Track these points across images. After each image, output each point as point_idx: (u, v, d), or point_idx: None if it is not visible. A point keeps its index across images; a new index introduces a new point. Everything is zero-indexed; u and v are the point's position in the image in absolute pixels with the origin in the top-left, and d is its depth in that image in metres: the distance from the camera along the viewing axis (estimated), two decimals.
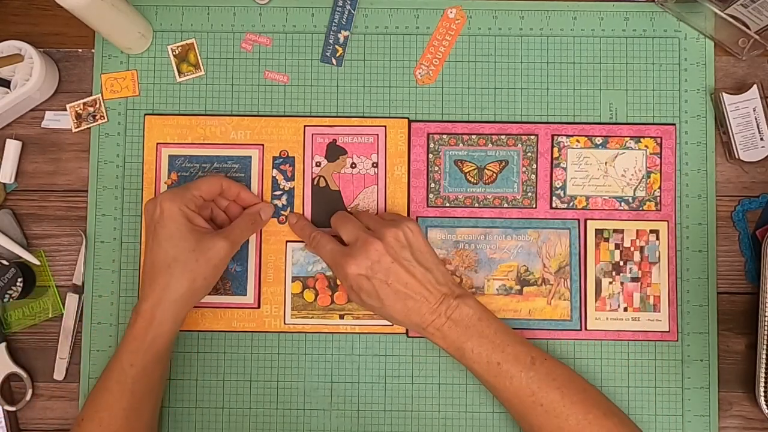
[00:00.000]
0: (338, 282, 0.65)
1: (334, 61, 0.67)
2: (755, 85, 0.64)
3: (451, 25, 0.67)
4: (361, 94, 0.66)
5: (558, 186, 0.66)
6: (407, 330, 0.65)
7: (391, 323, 0.64)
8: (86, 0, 0.56)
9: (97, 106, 0.66)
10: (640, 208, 0.65)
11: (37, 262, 0.65)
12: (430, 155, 0.66)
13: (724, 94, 0.64)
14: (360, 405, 0.64)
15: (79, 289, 0.65)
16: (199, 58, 0.67)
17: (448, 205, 0.66)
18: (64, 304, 0.65)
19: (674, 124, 0.66)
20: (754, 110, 0.64)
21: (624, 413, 0.59)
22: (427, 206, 0.66)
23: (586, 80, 0.66)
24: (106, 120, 0.66)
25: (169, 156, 0.66)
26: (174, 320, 0.58)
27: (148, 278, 0.57)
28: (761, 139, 0.64)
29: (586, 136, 0.66)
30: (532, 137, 0.66)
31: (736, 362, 0.65)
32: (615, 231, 0.65)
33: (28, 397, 0.64)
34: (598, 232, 0.65)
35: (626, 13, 0.67)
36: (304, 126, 0.66)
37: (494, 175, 0.66)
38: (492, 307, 0.64)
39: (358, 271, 0.58)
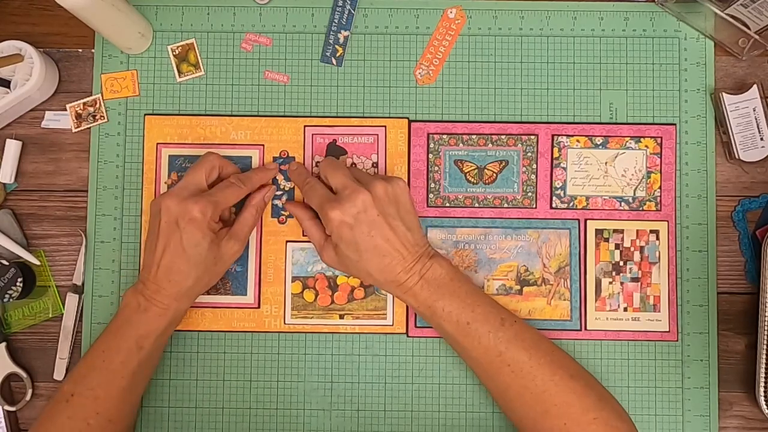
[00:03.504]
0: (338, 282, 0.65)
1: (334, 61, 0.67)
2: (755, 85, 0.64)
3: (451, 25, 0.67)
4: (361, 94, 0.66)
5: (558, 186, 0.66)
6: (407, 330, 0.65)
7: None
8: (86, 0, 0.56)
9: (97, 106, 0.66)
10: (640, 208, 0.65)
11: (37, 262, 0.65)
12: (430, 155, 0.66)
13: (724, 94, 0.64)
14: (360, 405, 0.64)
15: (79, 289, 0.65)
16: (199, 58, 0.67)
17: (448, 205, 0.66)
18: (64, 304, 0.65)
19: (674, 124, 0.66)
20: (754, 110, 0.64)
21: (591, 376, 0.59)
22: (427, 206, 0.66)
23: (586, 80, 0.66)
24: (106, 120, 0.66)
25: (169, 156, 0.66)
26: (185, 312, 0.61)
27: (165, 273, 0.58)
28: (761, 139, 0.64)
29: (586, 136, 0.66)
30: (532, 137, 0.66)
31: (736, 362, 0.65)
32: (615, 231, 0.65)
33: (28, 397, 0.64)
34: (598, 232, 0.65)
35: (626, 13, 0.67)
36: (304, 126, 0.66)
37: (494, 175, 0.66)
38: None
39: (342, 218, 0.57)
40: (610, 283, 0.65)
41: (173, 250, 0.58)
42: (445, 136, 0.66)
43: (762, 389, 0.62)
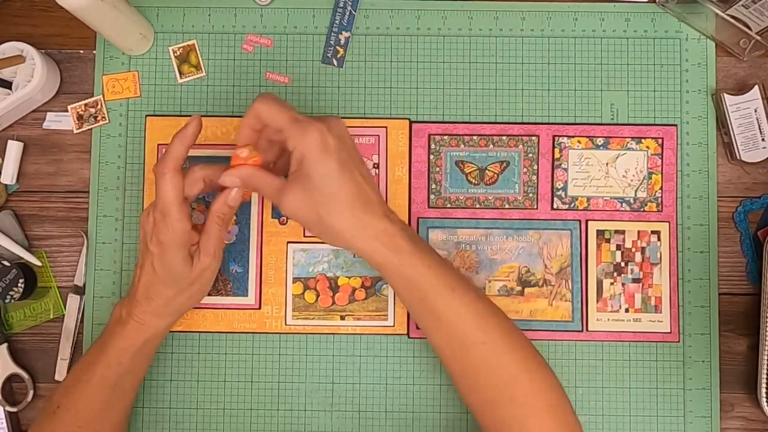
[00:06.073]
0: (339, 283, 0.65)
1: (335, 62, 0.67)
2: (756, 86, 0.64)
3: None
4: (362, 94, 0.66)
5: (559, 187, 0.66)
6: (408, 331, 0.64)
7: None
8: (87, 1, 0.56)
9: (99, 107, 0.66)
10: (642, 209, 0.65)
11: (39, 263, 0.65)
12: (431, 156, 0.66)
13: (725, 94, 0.64)
14: (361, 406, 0.64)
15: (80, 290, 0.65)
16: (200, 59, 0.67)
17: (449, 206, 0.66)
18: (65, 305, 0.65)
19: (675, 125, 0.66)
20: (756, 111, 0.64)
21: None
22: (428, 207, 0.66)
23: (587, 81, 0.66)
24: (107, 121, 0.66)
25: None
26: (166, 329, 0.60)
27: (143, 290, 0.57)
28: (762, 139, 0.64)
29: (587, 136, 0.66)
30: (533, 138, 0.66)
31: (738, 363, 0.65)
32: (616, 232, 0.65)
33: (29, 398, 0.64)
34: (600, 233, 0.65)
35: (627, 14, 0.67)
36: None
37: (495, 175, 0.66)
38: None
39: (327, 134, 0.51)
40: (612, 284, 0.65)
41: (147, 269, 0.57)
42: (446, 137, 0.66)
43: (764, 390, 0.62)
